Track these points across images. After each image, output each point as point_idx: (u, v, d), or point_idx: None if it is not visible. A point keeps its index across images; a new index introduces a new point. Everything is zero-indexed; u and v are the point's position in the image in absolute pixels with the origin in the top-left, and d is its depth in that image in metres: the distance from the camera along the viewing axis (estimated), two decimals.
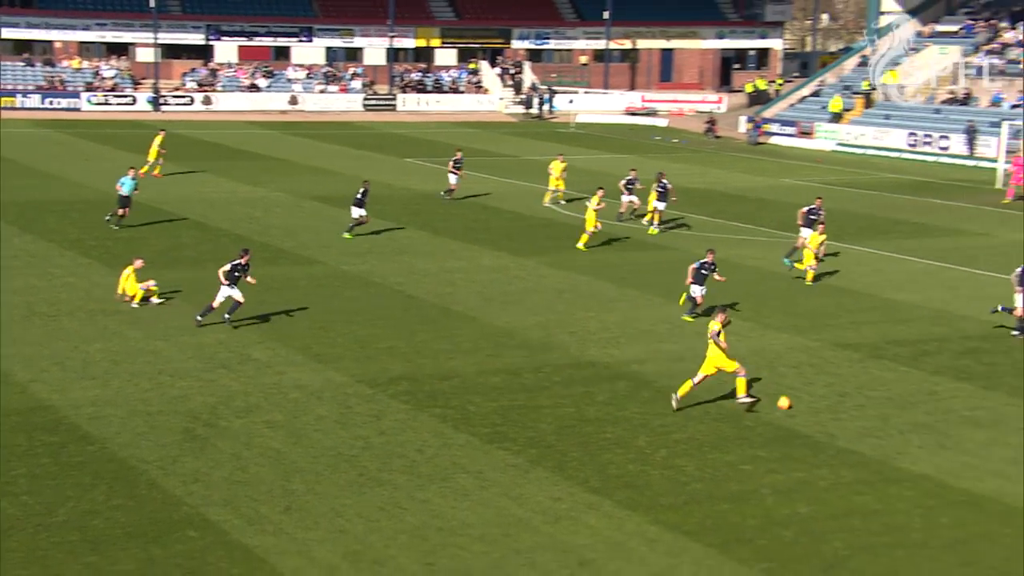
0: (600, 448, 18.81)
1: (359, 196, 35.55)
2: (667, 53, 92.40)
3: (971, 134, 59.82)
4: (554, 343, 24.71)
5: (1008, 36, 68.90)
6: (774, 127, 70.57)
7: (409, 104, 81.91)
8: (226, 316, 25.00)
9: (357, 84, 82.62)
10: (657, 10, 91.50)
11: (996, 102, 64.16)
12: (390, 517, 16.02)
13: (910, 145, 63.08)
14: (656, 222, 38.29)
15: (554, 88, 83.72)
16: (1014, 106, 62.95)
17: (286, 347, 23.76)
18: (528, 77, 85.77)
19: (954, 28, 72.50)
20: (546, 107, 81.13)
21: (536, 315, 27.01)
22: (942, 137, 61.98)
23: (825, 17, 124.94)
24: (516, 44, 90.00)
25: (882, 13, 76.92)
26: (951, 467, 18.23)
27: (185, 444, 18.42)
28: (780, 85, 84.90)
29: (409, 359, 23.31)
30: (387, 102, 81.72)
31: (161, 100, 76.39)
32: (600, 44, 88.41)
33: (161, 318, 25.64)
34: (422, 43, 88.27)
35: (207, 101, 77.79)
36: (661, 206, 38.34)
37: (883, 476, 17.86)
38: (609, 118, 79.56)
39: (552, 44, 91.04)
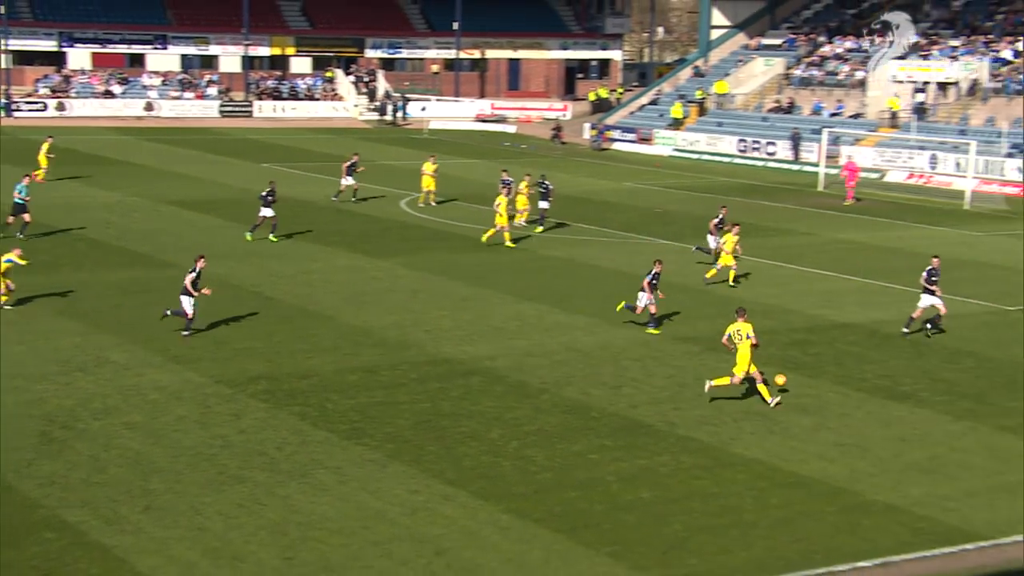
0: (455, 441, 18.82)
1: (266, 196, 35.11)
2: (515, 63, 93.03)
3: (796, 141, 61.83)
4: (410, 341, 24.63)
5: (826, 50, 71.43)
6: (616, 133, 71.66)
7: (265, 111, 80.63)
8: (167, 311, 24.50)
9: (213, 91, 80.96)
10: (504, 22, 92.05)
11: (817, 111, 66.43)
12: (250, 513, 15.74)
13: (740, 151, 64.78)
14: (539, 221, 38.69)
15: (407, 96, 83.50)
16: (832, 114, 65.31)
17: (144, 349, 23.14)
18: (382, 85, 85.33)
19: (778, 42, 74.74)
20: (400, 114, 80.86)
21: (392, 314, 26.89)
22: (769, 143, 63.82)
23: (661, 30, 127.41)
24: (369, 53, 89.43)
25: (713, 27, 78.81)
26: (780, 451, 18.77)
27: (42, 447, 17.77)
28: (621, 94, 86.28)
29: (268, 359, 22.94)
30: (243, 109, 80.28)
31: (13, 106, 73.55)
32: (450, 54, 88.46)
33: (16, 323, 24.69)
34: (277, 51, 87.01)
35: (61, 107, 75.20)
36: (545, 205, 38.82)
37: (719, 461, 18.29)
38: (461, 125, 79.67)
39: (404, 53, 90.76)
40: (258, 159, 57.44)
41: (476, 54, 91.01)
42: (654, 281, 25.63)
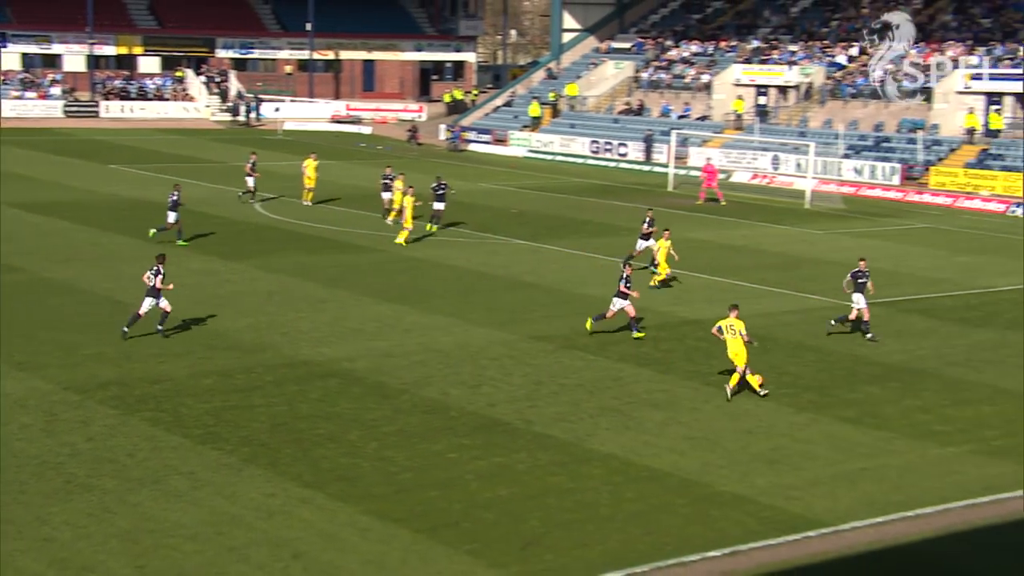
0: (313, 444, 18.58)
1: (173, 199, 34.66)
2: (369, 64, 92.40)
3: (649, 142, 62.93)
4: (266, 344, 24.23)
5: (672, 54, 72.92)
6: (472, 135, 71.85)
7: (113, 111, 78.29)
8: (159, 328, 24.12)
9: (57, 91, 78.21)
10: (358, 23, 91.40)
11: (665, 113, 67.79)
12: (99, 522, 15.24)
13: (593, 152, 65.67)
14: (434, 220, 38.93)
15: (260, 96, 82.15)
16: (680, 116, 66.76)
17: None
18: (234, 86, 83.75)
19: (627, 45, 76.04)
20: (253, 115, 79.50)
21: (247, 317, 26.41)
22: (620, 145, 64.87)
23: (514, 33, 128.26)
24: (220, 53, 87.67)
25: (564, 30, 79.68)
26: (634, 445, 19.08)
27: None
28: (476, 95, 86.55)
29: (118, 364, 22.27)
30: (89, 109, 77.78)
31: None
32: (304, 54, 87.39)
33: None
34: (124, 50, 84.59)
35: None
36: (440, 206, 38.92)
37: (575, 457, 18.48)
38: (315, 126, 78.81)
39: (257, 54, 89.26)
40: (105, 160, 55.73)
41: (330, 55, 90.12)
42: (628, 284, 25.43)
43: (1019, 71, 55.71)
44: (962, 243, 40.36)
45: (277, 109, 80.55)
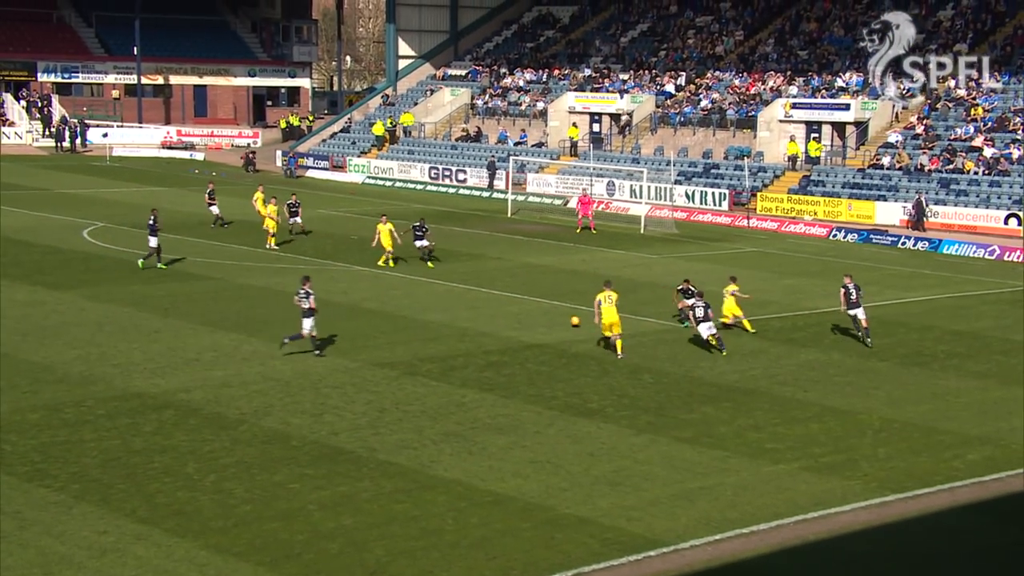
0: (148, 478, 18.00)
1: (151, 224, 34.64)
2: (200, 89, 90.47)
3: (493, 169, 63.19)
4: (97, 376, 23.40)
5: (507, 81, 73.83)
6: (309, 161, 71.12)
7: None
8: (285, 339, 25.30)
9: None
10: (187, 47, 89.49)
11: (502, 139, 68.44)
12: None
13: (432, 178, 65.78)
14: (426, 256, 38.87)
15: (86, 122, 79.58)
16: (517, 143, 67.51)
17: None
18: (57, 111, 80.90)
19: (462, 72, 76.58)
20: (79, 141, 76.94)
21: (76, 349, 25.48)
22: (459, 171, 65.18)
23: (348, 59, 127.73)
24: (42, 77, 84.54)
25: (400, 57, 79.74)
26: (478, 471, 19.09)
27: None
28: (312, 121, 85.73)
29: None
30: None
31: None
32: (131, 79, 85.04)
33: None
34: None
35: None
36: (422, 243, 38.70)
37: (419, 484, 18.38)
38: (145, 152, 76.79)
39: (81, 78, 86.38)
40: None
41: (159, 79, 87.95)
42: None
43: (834, 100, 58.29)
44: (787, 266, 41.87)
45: (105, 135, 78.19)
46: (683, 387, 24.66)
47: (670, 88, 66.11)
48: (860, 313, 28.73)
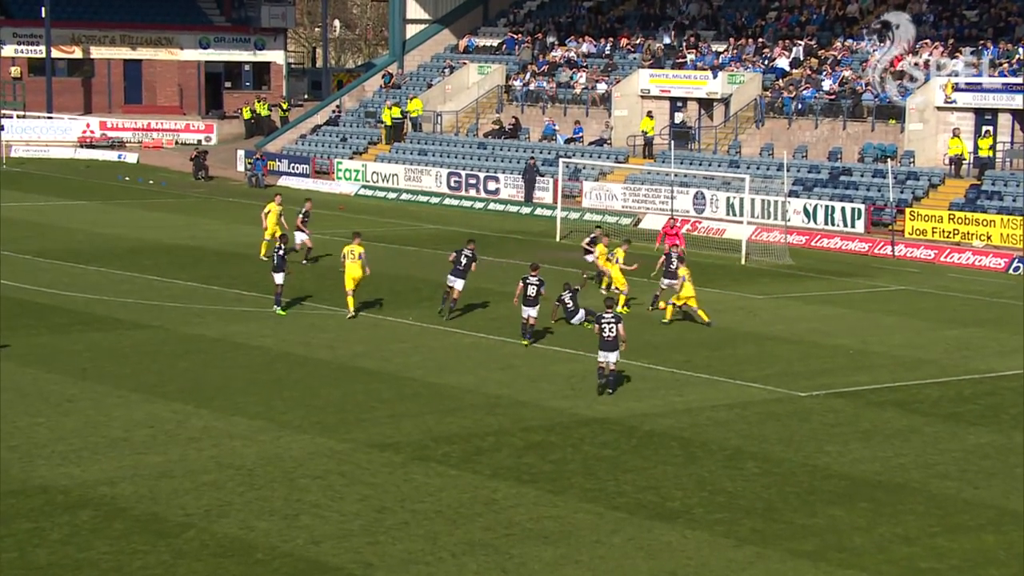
0: None
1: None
2: (134, 66, 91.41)
3: (530, 175, 63.09)
4: None
5: (556, 55, 73.85)
6: (282, 164, 71.67)
7: None
8: None
9: None
10: (117, 10, 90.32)
11: (549, 135, 68.57)
12: None
13: (452, 187, 66.04)
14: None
15: None
16: (569, 140, 67.57)
17: None
18: None
19: (495, 42, 76.97)
20: None
21: None
22: (489, 178, 65.37)
23: (337, 24, 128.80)
24: None
25: (408, 21, 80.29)
26: None
27: None
28: (287, 111, 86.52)
29: None
30: None
31: None
32: (38, 51, 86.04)
33: None
34: None
35: None
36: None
37: None
38: (57, 151, 77.69)
39: None
40: None
41: (76, 52, 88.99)
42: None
43: (1015, 80, 57.99)
44: (949, 311, 41.59)
45: (1, 128, 79.18)
46: (802, 480, 24.52)
47: (783, 63, 66.28)
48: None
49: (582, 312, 36.41)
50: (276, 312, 36.90)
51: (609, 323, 29.66)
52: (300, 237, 45.25)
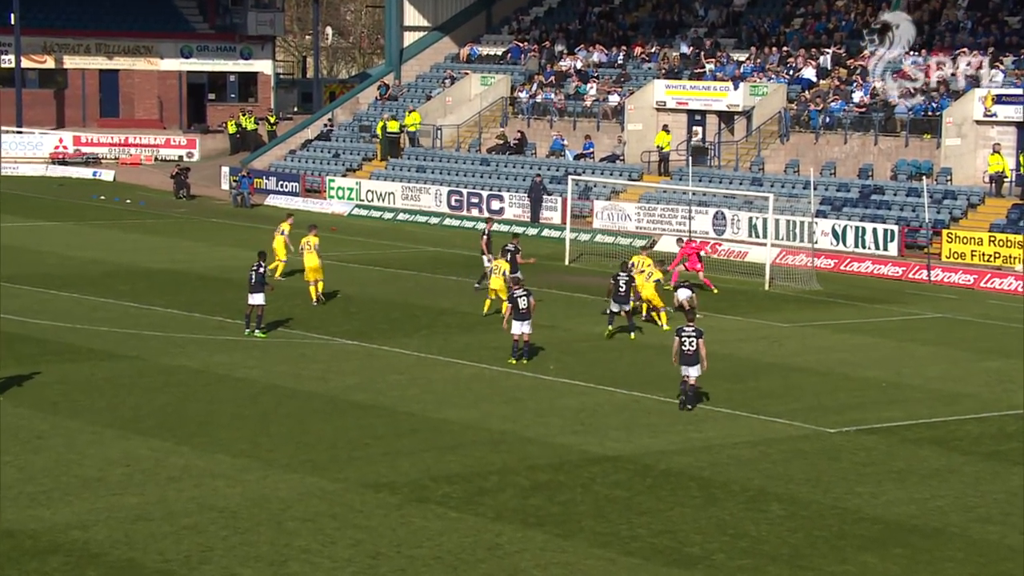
0: None
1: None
2: (110, 76, 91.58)
3: (537, 193, 63.18)
4: None
5: (565, 64, 73.94)
6: (270, 182, 71.71)
7: None
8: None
9: None
10: (94, 16, 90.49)
11: (557, 150, 68.63)
12: None
13: (453, 207, 66.05)
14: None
15: None
16: (579, 156, 67.61)
17: None
18: None
19: (498, 51, 77.07)
20: None
21: None
22: (493, 196, 65.41)
23: (330, 32, 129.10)
24: None
25: (406, 28, 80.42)
26: None
27: None
28: (275, 124, 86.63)
29: None
30: None
31: None
32: (6, 61, 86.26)
33: None
34: None
35: None
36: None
37: None
38: (27, 169, 77.85)
39: None
40: None
41: (48, 62, 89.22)
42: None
43: None
44: (989, 341, 41.53)
45: None
46: (830, 524, 24.45)
47: (809, 73, 66.35)
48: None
49: (629, 304, 39.14)
50: (257, 336, 36.97)
51: (689, 336, 30.49)
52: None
